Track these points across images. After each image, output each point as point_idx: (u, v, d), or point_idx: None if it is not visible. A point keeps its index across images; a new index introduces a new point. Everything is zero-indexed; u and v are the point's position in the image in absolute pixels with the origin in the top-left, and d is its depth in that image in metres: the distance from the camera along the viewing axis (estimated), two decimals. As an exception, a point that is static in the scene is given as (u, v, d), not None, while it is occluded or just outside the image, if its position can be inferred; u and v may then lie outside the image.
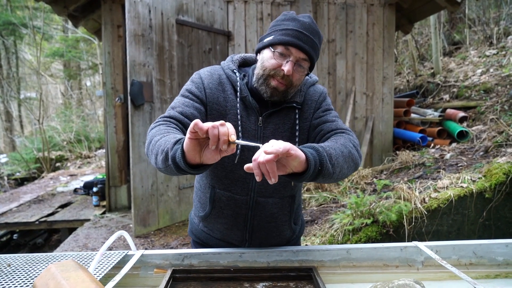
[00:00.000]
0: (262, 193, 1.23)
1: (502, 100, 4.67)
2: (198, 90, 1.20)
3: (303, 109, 1.24)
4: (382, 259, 1.26)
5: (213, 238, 1.33)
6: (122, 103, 4.44)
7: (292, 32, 1.09)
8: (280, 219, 1.29)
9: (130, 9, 3.39)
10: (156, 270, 1.21)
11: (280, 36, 1.10)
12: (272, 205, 1.25)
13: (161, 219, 3.77)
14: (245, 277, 1.16)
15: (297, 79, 1.13)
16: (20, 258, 1.22)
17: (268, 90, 1.14)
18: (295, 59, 1.10)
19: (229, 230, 1.29)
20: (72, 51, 13.16)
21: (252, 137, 1.19)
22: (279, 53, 1.10)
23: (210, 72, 1.24)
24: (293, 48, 1.09)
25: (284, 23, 1.12)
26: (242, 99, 1.20)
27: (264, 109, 1.20)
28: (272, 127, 1.20)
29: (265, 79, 1.14)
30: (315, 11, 4.66)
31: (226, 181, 1.23)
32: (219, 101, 1.20)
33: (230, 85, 1.22)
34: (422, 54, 8.72)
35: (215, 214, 1.28)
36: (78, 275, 0.76)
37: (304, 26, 1.10)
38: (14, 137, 13.02)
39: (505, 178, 2.71)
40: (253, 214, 1.25)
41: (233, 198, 1.23)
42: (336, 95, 4.78)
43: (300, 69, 1.12)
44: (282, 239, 1.34)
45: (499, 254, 1.25)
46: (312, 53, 1.11)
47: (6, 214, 4.62)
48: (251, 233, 1.29)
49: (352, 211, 2.74)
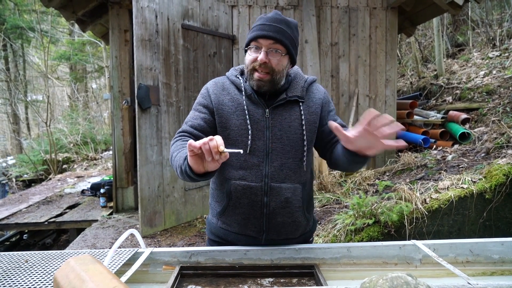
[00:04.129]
0: (275, 178, 1.32)
1: (504, 102, 4.69)
2: (204, 99, 1.37)
3: (308, 104, 1.36)
4: (382, 257, 1.29)
5: (231, 233, 1.39)
6: (129, 106, 4.52)
7: (257, 27, 1.27)
8: (294, 204, 1.35)
9: (138, 15, 3.46)
10: (164, 267, 1.26)
11: (249, 35, 1.29)
12: (285, 190, 1.32)
13: (167, 219, 3.84)
14: (249, 274, 1.20)
15: (276, 63, 1.26)
16: (36, 255, 1.28)
17: (254, 83, 1.29)
18: (266, 48, 1.25)
19: (246, 220, 1.34)
20: (78, 54, 13.30)
21: (261, 127, 1.31)
22: (253, 49, 1.27)
23: (214, 82, 1.42)
24: (260, 39, 1.25)
25: (253, 25, 1.31)
26: (248, 96, 1.33)
27: (270, 103, 1.33)
28: (279, 118, 1.32)
29: (250, 74, 1.30)
30: (318, 15, 4.71)
31: (241, 171, 1.32)
32: (224, 102, 1.34)
33: (234, 88, 1.37)
34: (425, 56, 8.73)
35: (232, 206, 1.34)
36: (96, 268, 0.83)
37: (267, 19, 1.27)
38: (22, 139, 13.17)
39: (505, 179, 2.74)
40: (269, 200, 1.32)
41: (248, 186, 1.31)
42: (339, 98, 4.83)
43: (275, 53, 1.25)
44: (298, 227, 1.39)
45: (495, 252, 1.28)
46: (279, 36, 1.24)
47: (16, 215, 4.70)
48: (267, 221, 1.33)
49: (354, 211, 2.79)
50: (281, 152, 1.31)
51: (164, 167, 3.78)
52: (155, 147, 3.68)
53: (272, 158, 1.31)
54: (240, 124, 1.31)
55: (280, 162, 1.31)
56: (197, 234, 3.70)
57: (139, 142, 3.54)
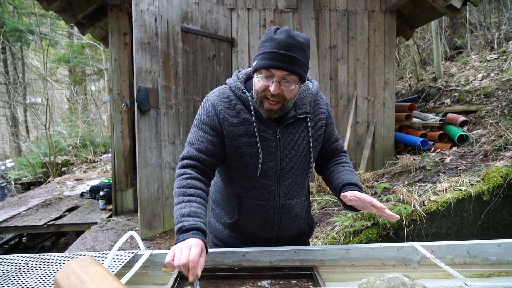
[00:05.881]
0: (285, 197, 1.34)
1: (502, 105, 4.71)
2: (211, 120, 1.28)
3: (314, 119, 1.35)
4: (380, 259, 1.30)
5: (241, 242, 1.42)
6: (129, 109, 4.53)
7: (269, 55, 1.16)
8: (301, 217, 1.40)
9: (137, 18, 3.48)
10: (164, 269, 1.26)
11: (260, 61, 1.18)
12: (294, 205, 1.36)
13: (166, 222, 3.84)
14: (248, 276, 1.21)
15: (288, 93, 1.20)
16: (36, 258, 1.29)
17: (264, 112, 1.24)
18: (279, 78, 1.17)
19: (257, 233, 1.39)
20: (77, 57, 13.30)
21: (272, 148, 1.29)
22: (264, 77, 1.19)
23: (219, 97, 1.31)
24: (273, 69, 1.16)
25: (263, 46, 1.20)
26: (257, 116, 1.28)
27: (280, 121, 1.29)
28: (289, 137, 1.30)
29: (260, 102, 1.23)
30: (317, 18, 4.74)
31: (253, 190, 1.33)
32: (233, 123, 1.28)
33: (241, 105, 1.29)
34: (424, 58, 8.76)
35: (243, 221, 1.37)
36: (97, 270, 0.84)
37: (280, 45, 1.15)
38: (21, 142, 13.15)
39: (502, 181, 2.76)
40: (280, 217, 1.36)
41: (261, 205, 1.33)
42: (338, 100, 4.85)
43: (288, 83, 1.18)
44: (302, 235, 1.47)
45: (492, 254, 1.29)
46: (292, 67, 1.16)
47: (15, 218, 4.70)
48: (277, 234, 1.39)
49: (353, 213, 2.80)
50: (291, 171, 1.33)
51: (163, 170, 3.79)
52: (154, 150, 3.68)
53: (283, 177, 1.32)
54: (251, 146, 1.28)
55: (290, 180, 1.34)
56: (196, 237, 3.69)
57: (138, 144, 3.54)
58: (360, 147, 4.84)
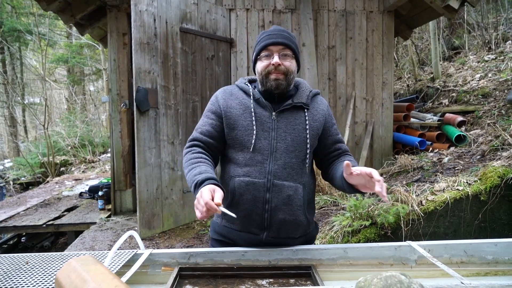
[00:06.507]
0: (278, 176, 1.37)
1: (499, 105, 4.73)
2: (213, 106, 1.47)
3: (312, 112, 1.45)
4: (378, 258, 1.31)
5: (233, 231, 1.43)
6: (128, 109, 4.53)
7: (265, 37, 1.41)
8: (295, 202, 1.39)
9: (136, 18, 3.49)
10: (163, 268, 1.28)
11: (258, 46, 1.42)
12: (287, 187, 1.37)
13: (165, 222, 3.85)
14: (247, 275, 1.22)
15: (289, 65, 1.38)
16: (36, 257, 1.30)
17: (273, 83, 1.38)
18: (278, 53, 1.37)
19: (249, 216, 1.37)
20: (76, 57, 13.30)
21: (266, 128, 1.39)
22: (265, 56, 1.39)
23: (223, 89, 1.52)
24: (270, 46, 1.38)
25: (259, 39, 1.45)
26: (256, 100, 1.42)
27: (277, 107, 1.42)
28: (284, 121, 1.40)
29: (266, 77, 1.39)
30: (316, 18, 4.75)
31: (246, 168, 1.38)
32: (232, 105, 1.43)
33: (242, 93, 1.46)
34: (422, 59, 8.79)
35: (235, 202, 1.38)
36: (97, 268, 0.85)
37: (271, 30, 1.42)
38: (19, 142, 13.13)
39: (500, 181, 2.77)
40: (271, 196, 1.36)
41: (252, 182, 1.36)
42: (337, 100, 4.86)
43: (286, 56, 1.38)
44: (298, 227, 1.42)
45: (489, 253, 1.30)
46: (287, 42, 1.38)
47: (14, 218, 4.70)
48: (269, 217, 1.37)
49: (351, 213, 2.81)
50: (285, 152, 1.37)
51: (162, 170, 3.80)
52: (153, 150, 3.69)
53: (276, 156, 1.37)
54: (247, 125, 1.38)
55: (283, 161, 1.37)
56: (195, 236, 3.71)
57: (137, 144, 3.55)
58: (358, 147, 4.86)
